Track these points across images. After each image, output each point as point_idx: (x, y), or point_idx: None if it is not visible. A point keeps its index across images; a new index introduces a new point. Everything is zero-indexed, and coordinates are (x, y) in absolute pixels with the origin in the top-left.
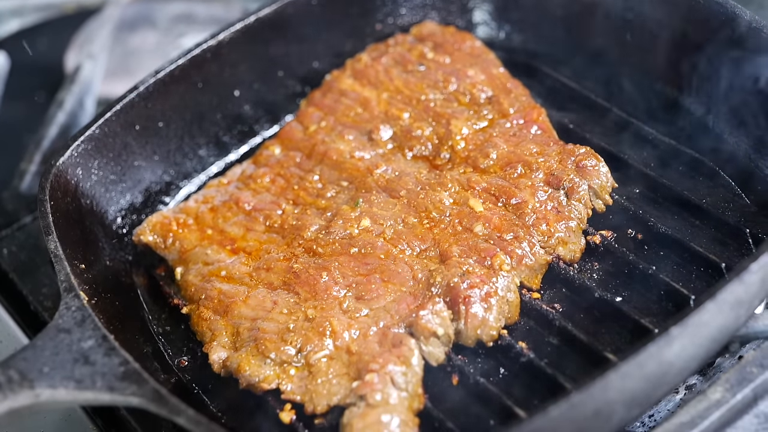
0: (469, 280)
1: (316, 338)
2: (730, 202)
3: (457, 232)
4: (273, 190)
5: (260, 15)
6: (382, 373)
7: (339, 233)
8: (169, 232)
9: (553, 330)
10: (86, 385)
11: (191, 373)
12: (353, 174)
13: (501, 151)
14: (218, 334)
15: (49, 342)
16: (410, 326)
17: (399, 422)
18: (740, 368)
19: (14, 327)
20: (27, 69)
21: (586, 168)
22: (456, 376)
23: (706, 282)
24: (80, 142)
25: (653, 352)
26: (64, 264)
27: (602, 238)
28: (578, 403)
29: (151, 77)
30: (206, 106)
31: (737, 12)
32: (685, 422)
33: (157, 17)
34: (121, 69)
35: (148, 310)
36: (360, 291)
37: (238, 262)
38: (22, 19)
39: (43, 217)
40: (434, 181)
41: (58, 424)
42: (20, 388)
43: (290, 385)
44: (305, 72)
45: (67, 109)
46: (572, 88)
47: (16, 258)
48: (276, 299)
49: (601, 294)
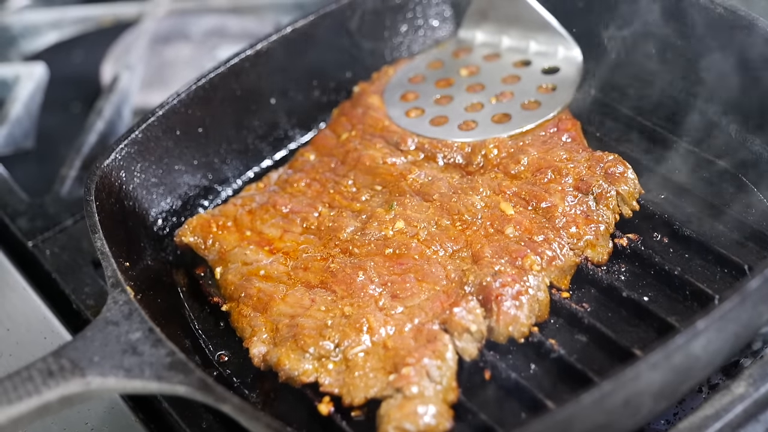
0: (501, 279)
1: (354, 334)
2: (753, 207)
3: (488, 234)
4: (309, 194)
5: (297, 26)
6: (418, 366)
7: (374, 235)
8: (209, 233)
9: (582, 328)
10: (135, 374)
11: (231, 367)
12: (387, 179)
13: (531, 157)
14: (258, 330)
15: (98, 333)
16: (444, 323)
17: (434, 413)
18: (763, 364)
19: (58, 325)
20: (64, 80)
21: (614, 174)
22: (488, 371)
23: (729, 283)
24: (124, 145)
25: (680, 343)
26: (111, 261)
27: (629, 241)
28: (609, 392)
29: (192, 84)
30: (244, 113)
31: None
32: (709, 415)
33: (191, 30)
34: (156, 80)
35: (189, 307)
36: (395, 289)
37: (276, 262)
38: (60, 32)
39: (89, 217)
40: (466, 186)
41: (102, 417)
42: (72, 375)
43: (328, 378)
44: (338, 81)
45: (105, 117)
46: (596, 98)
47: (58, 259)
48: (314, 297)
49: (629, 294)
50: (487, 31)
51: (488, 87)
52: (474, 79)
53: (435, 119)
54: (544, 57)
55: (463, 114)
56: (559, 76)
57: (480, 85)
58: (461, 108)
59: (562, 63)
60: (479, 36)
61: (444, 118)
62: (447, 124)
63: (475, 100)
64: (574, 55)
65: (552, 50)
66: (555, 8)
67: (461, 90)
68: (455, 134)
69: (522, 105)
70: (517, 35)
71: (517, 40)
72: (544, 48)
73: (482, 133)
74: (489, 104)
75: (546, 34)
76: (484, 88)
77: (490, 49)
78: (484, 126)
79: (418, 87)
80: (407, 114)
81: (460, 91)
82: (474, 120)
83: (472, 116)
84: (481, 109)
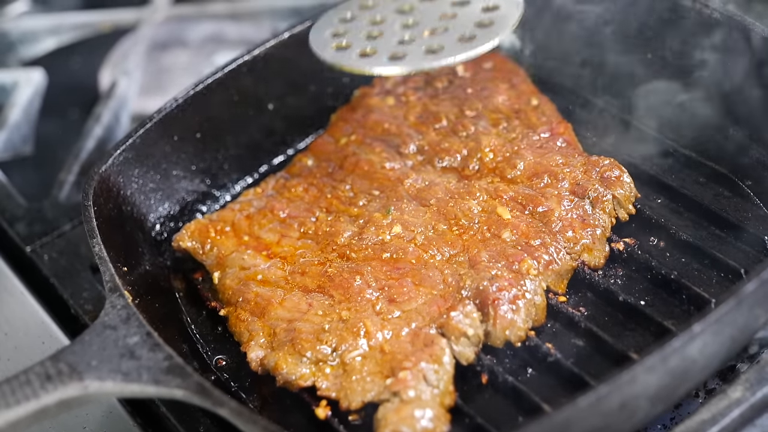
0: (498, 283)
1: (351, 338)
2: (749, 211)
3: (485, 238)
4: (307, 199)
5: (294, 32)
6: (415, 370)
7: (371, 239)
8: (207, 238)
9: (578, 332)
10: (133, 378)
11: (229, 372)
12: (384, 183)
13: (528, 161)
14: (255, 334)
15: (96, 338)
16: (441, 327)
17: (431, 417)
18: (759, 368)
19: (56, 329)
20: (62, 86)
21: (610, 178)
22: (485, 375)
23: (726, 287)
24: (122, 150)
25: (677, 346)
26: (109, 265)
27: (626, 245)
28: (606, 395)
29: (189, 90)
30: (241, 118)
31: None
32: (706, 419)
33: (189, 37)
34: (154, 86)
35: (186, 312)
36: (392, 294)
37: (273, 267)
38: (59, 38)
39: (87, 221)
40: (463, 191)
41: (100, 421)
42: (70, 379)
43: (326, 382)
44: (336, 87)
45: (103, 122)
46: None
47: (56, 264)
48: (311, 302)
49: (625, 298)
50: None
51: (423, 22)
52: (409, 16)
53: (363, 52)
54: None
55: (394, 47)
56: (497, 14)
57: (414, 21)
58: (393, 42)
59: (501, 1)
60: None
61: (373, 50)
62: (376, 55)
63: (407, 36)
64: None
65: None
66: None
67: (394, 25)
68: (383, 64)
69: (457, 38)
70: None
71: None
72: None
73: (411, 64)
74: (422, 38)
75: None
76: (419, 24)
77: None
78: (414, 56)
79: (348, 25)
80: (335, 48)
81: (393, 27)
82: (404, 51)
83: (403, 48)
84: (413, 42)
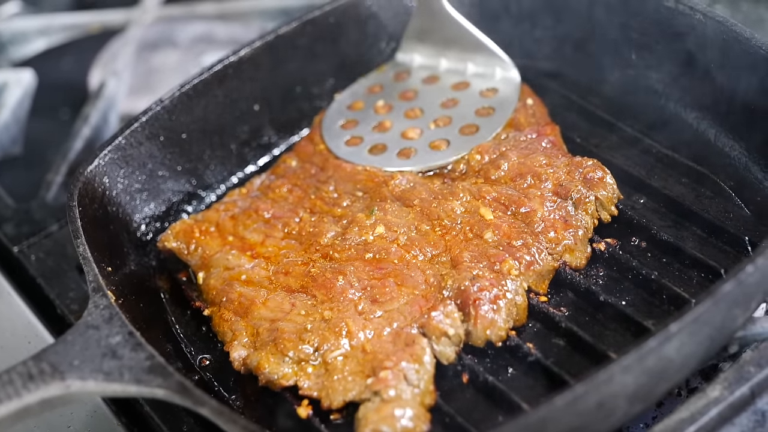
0: (479, 283)
1: (333, 338)
2: (731, 212)
3: (468, 238)
4: (291, 199)
5: (280, 32)
6: (395, 370)
7: (354, 240)
8: (191, 238)
9: (559, 332)
10: (114, 378)
11: (212, 371)
12: (368, 185)
13: (512, 162)
14: (239, 334)
15: (78, 337)
16: (422, 327)
17: (412, 416)
18: (738, 367)
19: (42, 329)
20: (52, 86)
21: (593, 180)
22: (466, 375)
23: (706, 287)
24: (107, 151)
25: (653, 346)
26: (93, 266)
27: (607, 246)
28: (582, 395)
29: (175, 90)
30: (227, 119)
31: None
32: (684, 418)
33: (178, 37)
34: (143, 86)
35: (171, 312)
36: (374, 294)
37: (257, 267)
38: (49, 39)
39: (71, 222)
40: (446, 191)
41: (85, 420)
42: (52, 379)
43: (307, 382)
44: (321, 88)
45: (92, 123)
46: (576, 102)
47: (43, 264)
48: (294, 301)
49: (606, 298)
50: (425, 54)
51: (427, 112)
52: (413, 103)
53: (373, 148)
54: (482, 78)
55: (401, 141)
56: (497, 99)
57: (419, 110)
58: (399, 135)
59: (500, 84)
60: (417, 58)
61: (382, 146)
62: (386, 152)
63: (413, 126)
64: (512, 76)
65: (490, 71)
66: None
67: (400, 116)
68: (394, 163)
69: (460, 130)
70: (454, 57)
71: (455, 62)
72: (482, 69)
73: (420, 162)
74: (428, 130)
75: (483, 56)
76: (423, 113)
77: (428, 72)
78: (422, 153)
79: (357, 114)
80: (346, 143)
81: (399, 117)
82: (412, 147)
83: (411, 144)
84: (420, 135)
